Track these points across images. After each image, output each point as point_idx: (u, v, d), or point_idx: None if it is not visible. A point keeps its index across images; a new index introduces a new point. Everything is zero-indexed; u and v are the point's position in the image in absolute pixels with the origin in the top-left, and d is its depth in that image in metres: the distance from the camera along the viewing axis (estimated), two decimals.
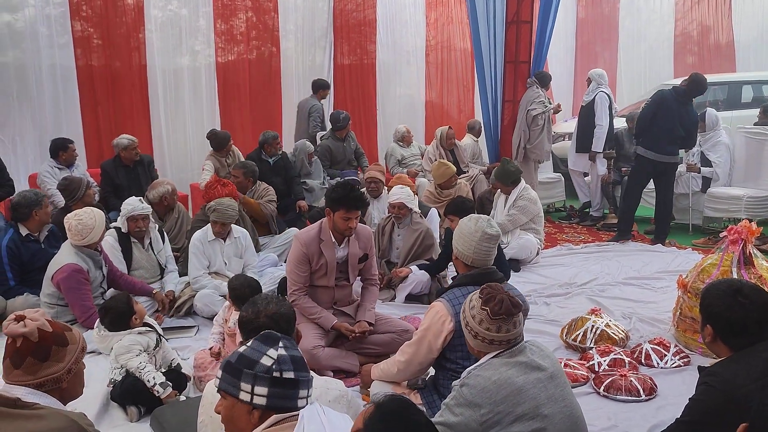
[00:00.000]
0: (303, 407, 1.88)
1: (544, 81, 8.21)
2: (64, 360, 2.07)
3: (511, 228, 6.14)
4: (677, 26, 12.69)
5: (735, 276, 4.05)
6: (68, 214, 4.48)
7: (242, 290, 3.77)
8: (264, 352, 1.90)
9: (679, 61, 12.62)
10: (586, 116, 7.88)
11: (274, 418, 1.85)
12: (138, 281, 4.82)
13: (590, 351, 4.09)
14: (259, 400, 1.86)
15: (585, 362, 3.99)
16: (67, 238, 4.59)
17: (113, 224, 5.04)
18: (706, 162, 7.40)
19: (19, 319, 2.06)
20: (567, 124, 9.97)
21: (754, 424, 2.09)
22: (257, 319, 2.30)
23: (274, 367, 1.87)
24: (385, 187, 6.33)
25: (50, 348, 2.05)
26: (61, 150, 6.49)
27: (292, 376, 1.87)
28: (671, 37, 12.67)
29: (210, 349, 3.89)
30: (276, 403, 1.88)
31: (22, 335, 2.02)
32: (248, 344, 1.95)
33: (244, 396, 1.87)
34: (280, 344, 1.91)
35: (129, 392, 3.48)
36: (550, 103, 8.19)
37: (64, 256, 4.36)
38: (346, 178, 7.41)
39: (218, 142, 7.19)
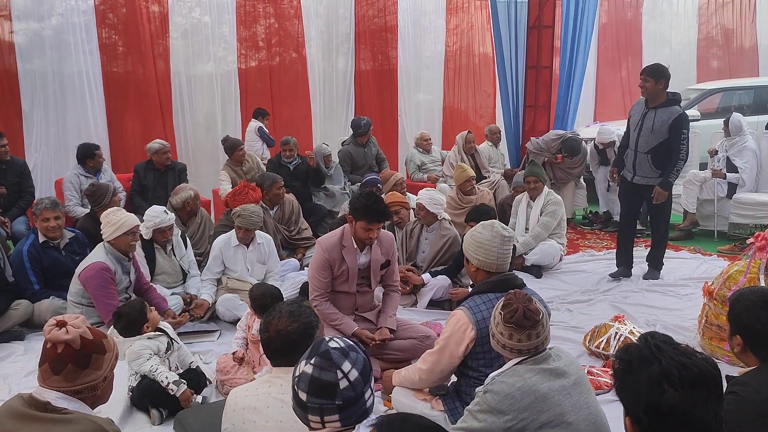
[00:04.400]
0: (317, 430, 1.81)
1: (568, 147, 7.92)
2: (101, 368, 2.10)
3: (545, 236, 6.14)
4: (701, 30, 12.61)
5: (762, 283, 3.99)
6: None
7: (263, 300, 3.79)
8: (301, 360, 1.85)
9: (703, 65, 12.52)
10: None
11: (328, 430, 1.79)
12: (160, 297, 4.77)
13: (613, 358, 4.04)
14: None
15: (608, 369, 3.95)
16: (92, 239, 4.76)
17: None
18: (732, 167, 7.29)
19: (61, 325, 2.08)
20: (589, 129, 9.89)
21: None
22: (266, 332, 2.31)
23: (296, 380, 1.83)
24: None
25: (90, 356, 2.07)
26: (88, 158, 6.51)
27: (304, 399, 1.79)
28: (695, 41, 12.58)
29: (233, 353, 3.91)
30: (297, 415, 1.86)
31: (64, 342, 2.03)
32: None
33: None
34: (313, 361, 1.80)
35: (146, 394, 3.52)
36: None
37: (94, 255, 4.43)
38: (367, 179, 7.42)
39: (227, 147, 7.35)
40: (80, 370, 2.04)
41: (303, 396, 1.78)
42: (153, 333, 3.69)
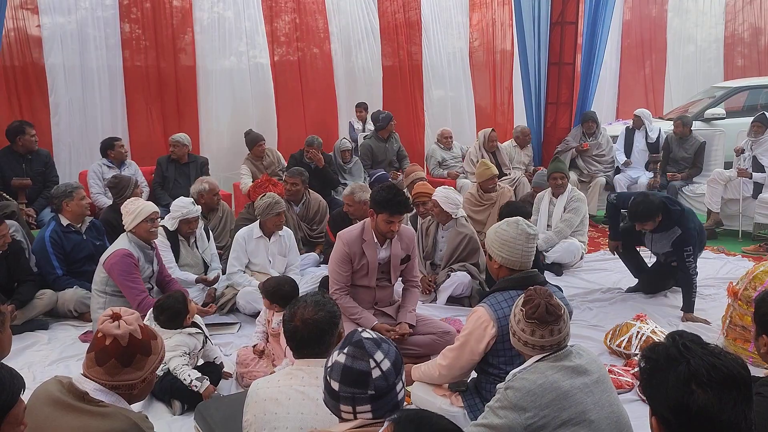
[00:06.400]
0: (348, 420, 1.81)
1: (582, 117, 8.43)
2: (143, 369, 2.12)
3: (568, 232, 6.10)
4: (727, 27, 12.43)
5: None
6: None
7: (277, 288, 3.83)
8: (334, 350, 1.87)
9: (729, 63, 12.37)
10: (654, 149, 8.21)
11: (360, 421, 1.79)
12: (182, 290, 4.82)
13: (635, 357, 4.01)
14: (324, 396, 1.88)
15: (629, 369, 3.91)
16: (110, 234, 4.95)
17: (161, 222, 5.11)
18: (758, 167, 7.17)
19: (115, 318, 2.11)
20: (612, 127, 9.80)
21: None
22: (292, 322, 2.31)
23: (328, 370, 1.84)
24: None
25: (135, 355, 2.09)
26: (108, 149, 6.69)
27: (336, 388, 1.80)
28: (721, 39, 12.41)
29: (254, 346, 3.94)
30: (328, 406, 1.87)
31: (113, 336, 2.07)
32: None
33: None
34: (346, 350, 1.82)
35: (167, 390, 3.57)
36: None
37: (118, 243, 4.49)
38: (376, 176, 7.51)
39: (248, 141, 7.45)
40: (122, 367, 2.07)
41: (335, 385, 1.80)
42: (192, 329, 3.71)
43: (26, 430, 1.93)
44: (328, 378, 1.82)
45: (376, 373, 1.79)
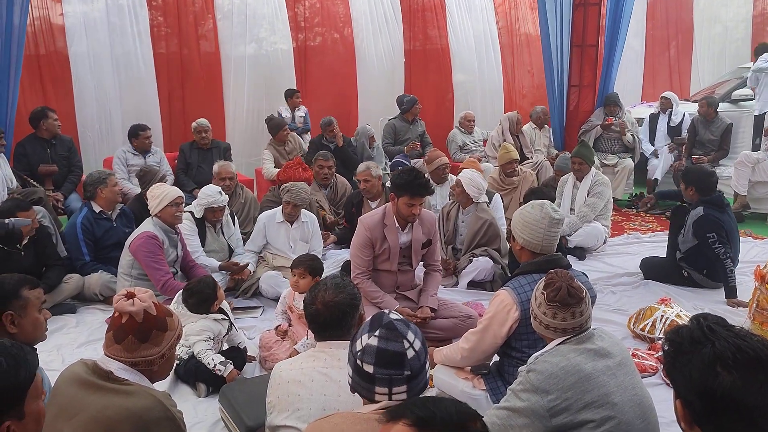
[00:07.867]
0: (381, 401, 1.80)
1: (606, 99, 8.44)
2: (160, 345, 2.17)
3: (592, 217, 6.05)
4: (756, 6, 12.15)
5: None
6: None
7: (304, 258, 3.91)
8: (361, 335, 1.87)
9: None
10: (676, 133, 8.17)
11: (386, 403, 1.79)
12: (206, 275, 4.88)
13: (659, 341, 3.98)
14: (349, 380, 1.90)
15: (654, 352, 3.88)
16: (139, 221, 4.93)
17: (187, 208, 5.12)
18: None
19: (130, 296, 2.17)
20: (636, 109, 9.66)
21: None
22: (313, 305, 2.33)
23: (358, 354, 1.84)
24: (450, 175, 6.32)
25: (151, 331, 2.14)
26: (132, 137, 6.75)
27: (371, 371, 1.79)
28: (749, 18, 12.12)
29: (276, 327, 3.97)
30: (358, 390, 1.87)
31: (129, 313, 2.12)
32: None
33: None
34: (377, 333, 1.82)
35: (191, 374, 3.61)
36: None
37: (143, 227, 4.57)
38: (394, 161, 7.55)
39: (271, 127, 7.43)
40: (139, 343, 2.12)
41: (370, 368, 1.80)
42: (218, 316, 3.75)
43: (53, 411, 1.98)
44: (359, 362, 1.82)
45: (410, 353, 1.80)
